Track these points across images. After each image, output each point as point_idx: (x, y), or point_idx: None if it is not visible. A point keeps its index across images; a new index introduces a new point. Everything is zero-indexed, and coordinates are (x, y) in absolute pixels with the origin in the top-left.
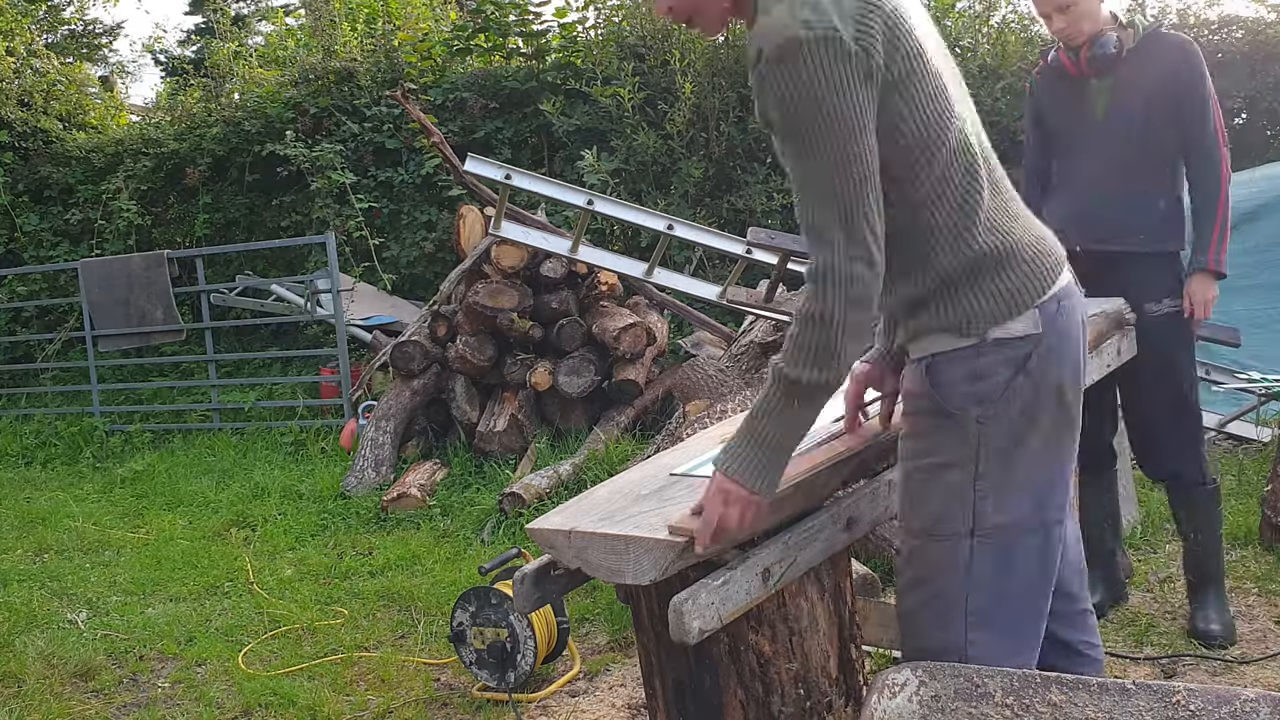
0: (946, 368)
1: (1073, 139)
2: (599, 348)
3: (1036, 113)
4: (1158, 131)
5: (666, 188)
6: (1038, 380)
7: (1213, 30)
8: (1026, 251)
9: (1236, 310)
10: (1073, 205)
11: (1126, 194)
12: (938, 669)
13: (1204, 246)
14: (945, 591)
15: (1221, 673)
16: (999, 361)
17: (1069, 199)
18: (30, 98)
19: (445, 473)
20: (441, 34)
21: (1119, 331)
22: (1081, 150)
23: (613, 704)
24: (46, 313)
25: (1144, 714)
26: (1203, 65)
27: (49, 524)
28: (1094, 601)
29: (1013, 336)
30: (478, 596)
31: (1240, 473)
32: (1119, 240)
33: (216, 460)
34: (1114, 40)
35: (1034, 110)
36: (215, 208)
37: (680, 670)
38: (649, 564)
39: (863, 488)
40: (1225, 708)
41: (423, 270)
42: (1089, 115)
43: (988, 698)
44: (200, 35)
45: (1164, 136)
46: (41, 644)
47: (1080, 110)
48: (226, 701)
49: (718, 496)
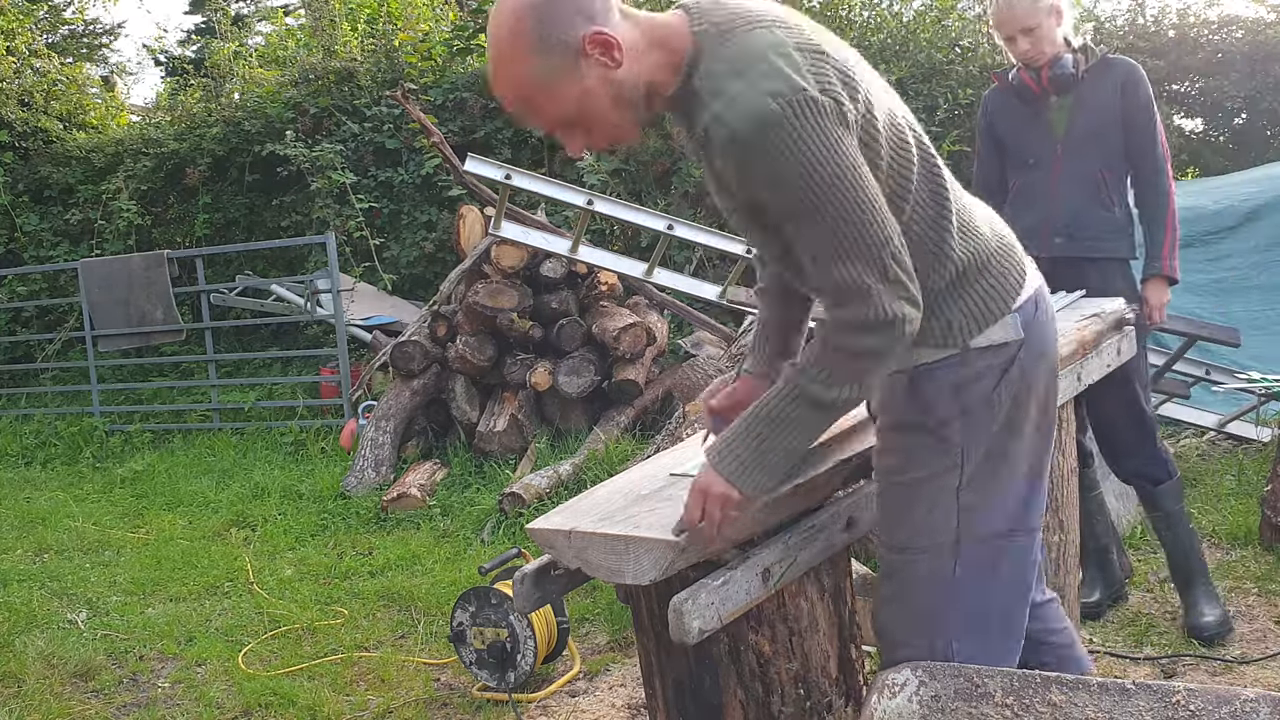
0: (929, 379)
1: (1032, 154)
2: (599, 348)
3: (990, 130)
4: (1112, 146)
5: (666, 188)
6: (1020, 385)
7: (1213, 30)
8: (997, 255)
9: (1236, 310)
10: (1034, 216)
11: (1085, 205)
12: (938, 669)
13: (1157, 253)
14: (928, 604)
15: (1221, 673)
16: (983, 370)
17: (1030, 211)
18: (30, 98)
19: (445, 473)
20: (442, 34)
21: (1119, 332)
22: (1041, 165)
23: (613, 704)
24: (46, 313)
25: (1144, 714)
26: (1149, 86)
27: (49, 524)
28: (1093, 599)
29: (994, 344)
30: (478, 596)
31: (1240, 473)
32: (1078, 248)
33: (216, 460)
34: (1072, 61)
35: (988, 127)
36: (215, 208)
37: (680, 670)
38: (649, 564)
39: (862, 488)
40: (1225, 708)
41: (423, 270)
42: (1048, 132)
43: (988, 698)
44: (200, 35)
45: (1116, 151)
46: (41, 644)
47: (1039, 127)
48: (226, 701)
49: (703, 491)
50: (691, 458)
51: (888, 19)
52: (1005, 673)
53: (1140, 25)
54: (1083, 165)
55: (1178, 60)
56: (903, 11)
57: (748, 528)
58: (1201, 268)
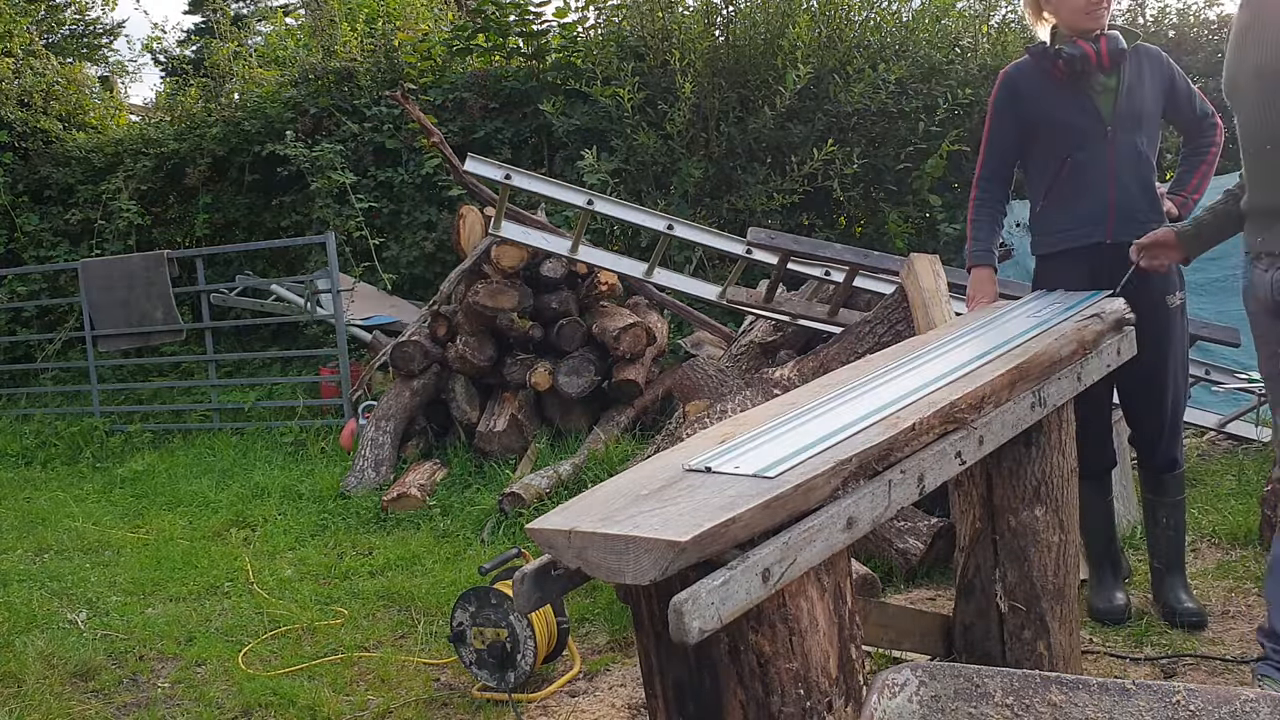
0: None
1: (1079, 135)
2: (599, 348)
3: (1014, 108)
4: (1150, 128)
5: (666, 188)
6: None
7: (1213, 30)
8: None
9: (1236, 310)
10: (1095, 201)
11: (1141, 187)
12: (938, 669)
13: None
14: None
15: (1221, 673)
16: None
17: (1091, 196)
18: (30, 98)
19: (445, 473)
20: (441, 34)
21: (1119, 332)
22: (1092, 146)
23: (613, 704)
24: (46, 313)
25: (1144, 714)
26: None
27: (49, 524)
28: (1120, 604)
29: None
30: (478, 596)
31: (1240, 473)
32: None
33: (216, 460)
34: (1121, 38)
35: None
36: (215, 208)
37: (680, 670)
38: (649, 564)
39: (862, 488)
40: (1225, 708)
41: (423, 270)
42: (1096, 112)
43: (988, 698)
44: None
45: (1153, 134)
46: (41, 644)
47: (1085, 107)
48: (226, 701)
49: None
50: (692, 456)
51: (887, 18)
52: (1005, 673)
53: (1140, 25)
54: (1132, 147)
55: (1178, 60)
56: (902, 11)
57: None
58: (1201, 267)
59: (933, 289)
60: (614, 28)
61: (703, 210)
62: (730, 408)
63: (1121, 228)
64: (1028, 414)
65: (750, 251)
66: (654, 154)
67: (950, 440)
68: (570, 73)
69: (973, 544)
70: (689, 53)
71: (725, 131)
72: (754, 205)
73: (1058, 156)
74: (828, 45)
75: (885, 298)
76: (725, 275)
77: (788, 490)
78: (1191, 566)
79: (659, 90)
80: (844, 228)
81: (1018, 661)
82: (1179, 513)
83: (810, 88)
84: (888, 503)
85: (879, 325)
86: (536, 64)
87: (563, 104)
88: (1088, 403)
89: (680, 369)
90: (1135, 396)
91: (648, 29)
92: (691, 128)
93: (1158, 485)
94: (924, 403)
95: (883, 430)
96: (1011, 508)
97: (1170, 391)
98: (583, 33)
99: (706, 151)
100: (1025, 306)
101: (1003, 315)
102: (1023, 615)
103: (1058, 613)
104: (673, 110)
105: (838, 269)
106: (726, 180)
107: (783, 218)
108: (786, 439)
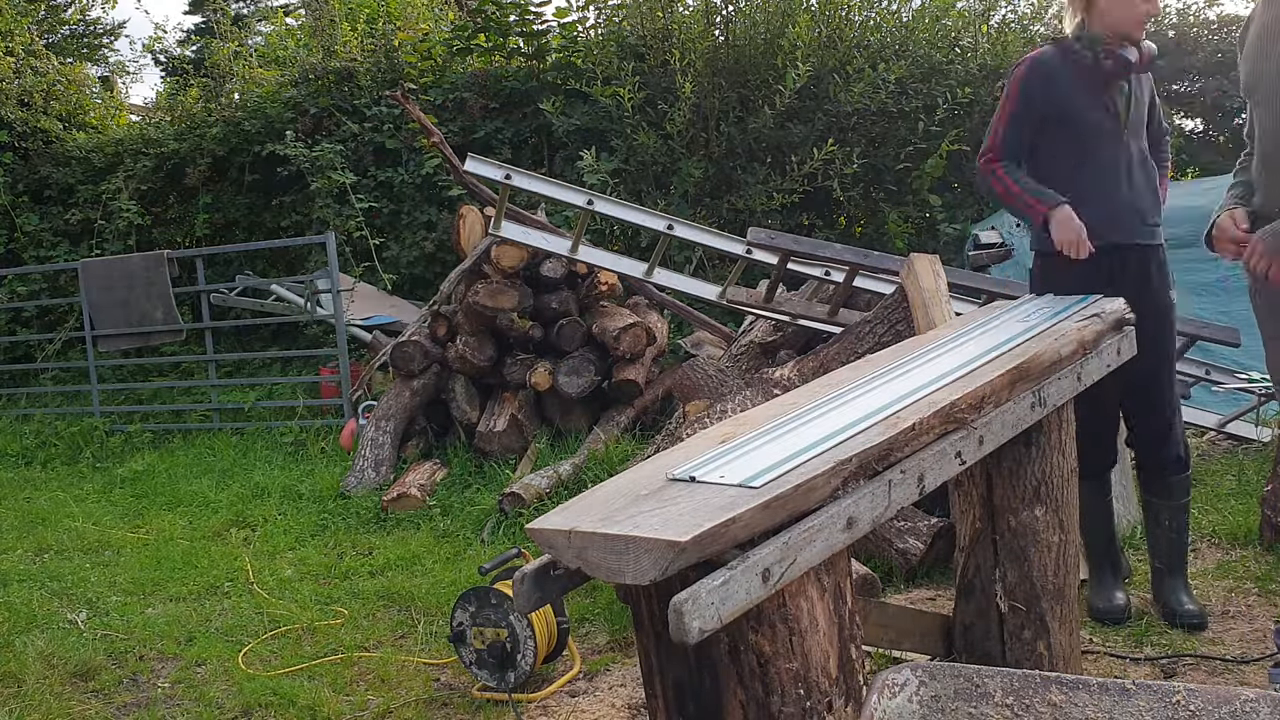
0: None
1: (1096, 135)
2: (599, 348)
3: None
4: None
5: (666, 188)
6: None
7: (1213, 30)
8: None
9: (1236, 310)
10: (1117, 202)
11: (1150, 189)
12: (938, 669)
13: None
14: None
15: (1221, 673)
16: None
17: (1113, 197)
18: (30, 98)
19: (445, 473)
20: (441, 34)
21: (1119, 332)
22: (1109, 148)
23: (613, 704)
24: (46, 313)
25: (1144, 714)
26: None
27: (49, 524)
28: (1120, 603)
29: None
30: (478, 596)
31: (1240, 473)
32: (1151, 233)
33: (216, 460)
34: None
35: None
36: (215, 208)
37: (680, 670)
38: (649, 564)
39: (863, 487)
40: (1225, 708)
41: (423, 270)
42: (1114, 113)
43: (988, 698)
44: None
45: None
46: (41, 644)
47: (1106, 108)
48: (226, 701)
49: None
50: (690, 458)
51: (887, 18)
52: (1005, 673)
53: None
54: (1140, 150)
55: (1178, 60)
56: (902, 11)
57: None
58: (1202, 267)
59: (933, 289)
60: (614, 28)
61: (703, 210)
62: (730, 408)
63: (1135, 229)
64: (1028, 414)
65: (750, 251)
66: (654, 154)
67: (950, 440)
68: (570, 73)
69: (973, 544)
70: (689, 52)
71: (725, 131)
72: (754, 205)
73: (1075, 154)
74: (827, 45)
75: (885, 298)
76: (725, 275)
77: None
78: (1191, 566)
79: (659, 90)
80: (844, 228)
81: (1018, 661)
82: (1182, 515)
83: (810, 87)
84: (888, 503)
85: (879, 325)
86: (536, 64)
87: (563, 104)
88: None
89: (680, 369)
90: (1136, 397)
91: (648, 29)
92: (691, 127)
93: (1164, 489)
94: (924, 403)
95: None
96: (1011, 508)
97: (1170, 391)
98: (583, 33)
99: (706, 151)
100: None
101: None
102: (1023, 615)
103: (1058, 613)
104: (673, 110)
105: (838, 269)
106: (726, 180)
107: (783, 218)
108: (786, 439)
